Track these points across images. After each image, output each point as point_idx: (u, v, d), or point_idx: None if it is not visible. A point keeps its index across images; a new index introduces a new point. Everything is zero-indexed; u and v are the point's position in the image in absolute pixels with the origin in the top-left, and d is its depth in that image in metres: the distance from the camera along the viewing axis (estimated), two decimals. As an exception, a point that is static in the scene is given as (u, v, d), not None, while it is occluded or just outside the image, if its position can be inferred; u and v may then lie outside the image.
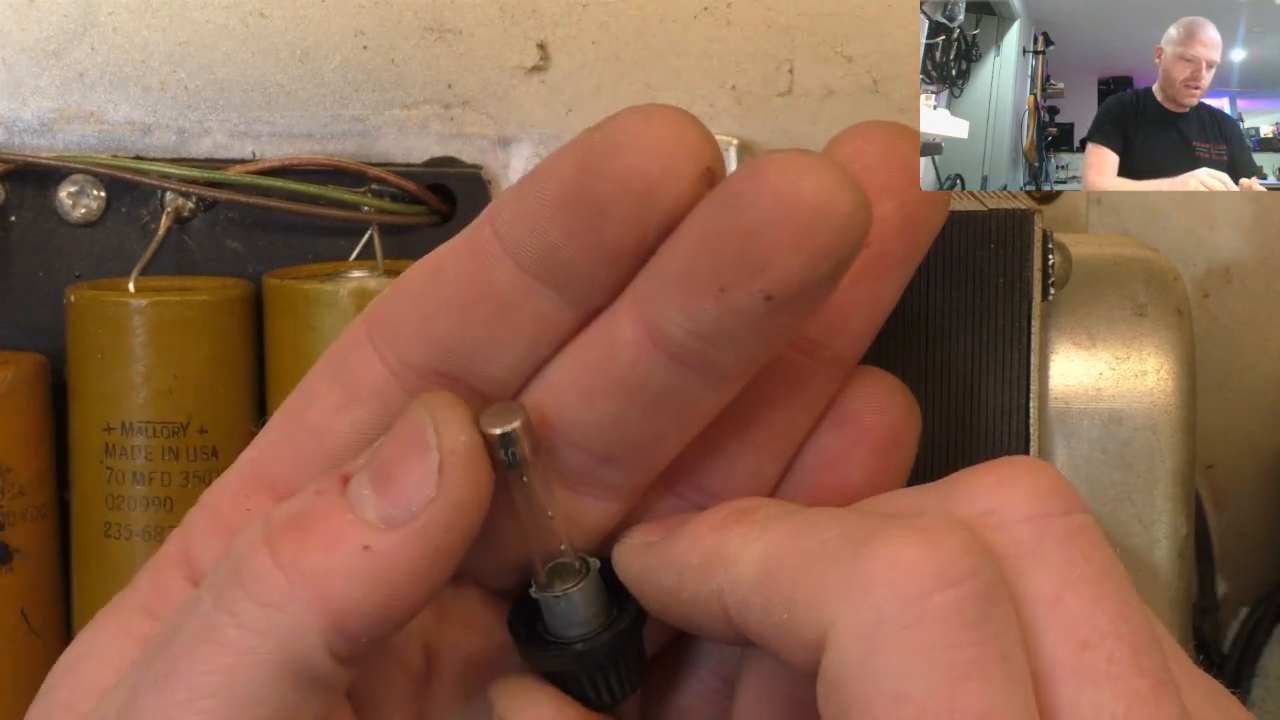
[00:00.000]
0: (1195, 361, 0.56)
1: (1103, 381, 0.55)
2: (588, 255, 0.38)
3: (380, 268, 0.64)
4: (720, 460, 0.42)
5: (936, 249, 0.53)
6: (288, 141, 0.67)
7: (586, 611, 0.43)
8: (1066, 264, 0.54)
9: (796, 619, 0.37)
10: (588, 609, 0.43)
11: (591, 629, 0.43)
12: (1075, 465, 0.56)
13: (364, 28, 0.67)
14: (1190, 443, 0.56)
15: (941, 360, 0.54)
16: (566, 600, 0.43)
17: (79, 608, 0.65)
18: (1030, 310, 0.54)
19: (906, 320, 0.53)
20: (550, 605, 0.43)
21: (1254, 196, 0.68)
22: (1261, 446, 0.70)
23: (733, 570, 0.39)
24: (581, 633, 0.43)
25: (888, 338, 0.53)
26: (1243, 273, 0.69)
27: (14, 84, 0.67)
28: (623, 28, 0.67)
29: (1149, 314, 0.56)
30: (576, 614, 0.43)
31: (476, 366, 0.40)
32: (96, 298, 0.64)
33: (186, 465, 0.63)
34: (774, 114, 0.67)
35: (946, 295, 0.53)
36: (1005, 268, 0.53)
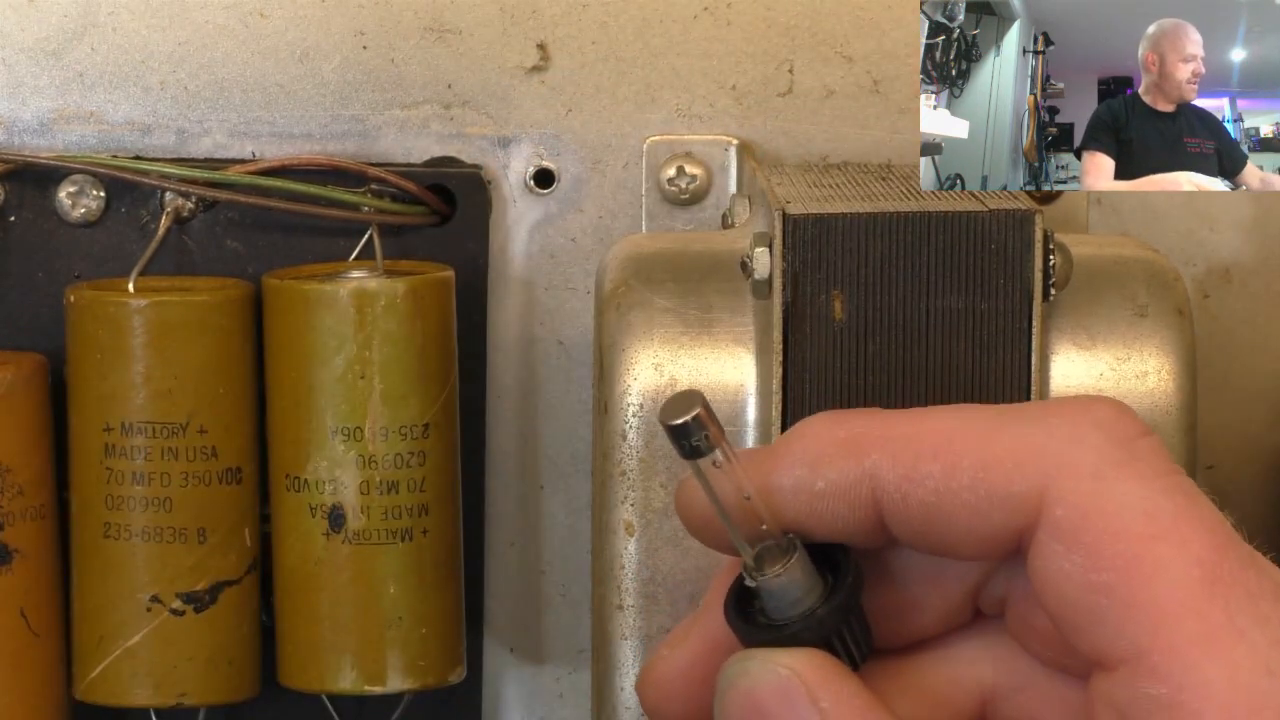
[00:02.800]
0: (1196, 362, 0.56)
1: (1103, 382, 0.55)
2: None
3: (380, 268, 0.64)
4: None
5: (937, 249, 0.53)
6: (288, 141, 0.67)
7: (806, 585, 0.43)
8: (1067, 264, 0.54)
9: (1001, 478, 0.40)
10: (806, 582, 0.43)
11: (812, 602, 0.42)
12: (1075, 465, 0.56)
13: (364, 28, 0.67)
14: (1191, 443, 0.56)
15: (941, 360, 0.54)
16: (786, 577, 0.42)
17: (78, 608, 0.65)
18: (1030, 310, 0.53)
19: (907, 320, 0.53)
20: (770, 588, 0.42)
21: (1254, 196, 0.68)
22: (1261, 446, 0.70)
23: (891, 446, 0.41)
24: (804, 608, 0.42)
25: (889, 338, 0.53)
26: (1243, 273, 0.69)
27: (14, 84, 0.67)
28: (623, 28, 0.67)
29: (1149, 314, 0.56)
30: (794, 590, 0.43)
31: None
32: (96, 298, 0.64)
33: (186, 465, 0.63)
34: (774, 114, 0.67)
35: (947, 295, 0.53)
36: (1005, 268, 0.53)
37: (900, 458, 0.41)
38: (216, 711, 0.66)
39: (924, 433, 0.42)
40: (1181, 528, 0.40)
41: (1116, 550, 0.39)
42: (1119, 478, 0.40)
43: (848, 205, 0.54)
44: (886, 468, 0.41)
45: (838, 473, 0.42)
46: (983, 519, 0.41)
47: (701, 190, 0.67)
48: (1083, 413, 0.41)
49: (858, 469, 0.42)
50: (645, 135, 0.67)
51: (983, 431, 0.41)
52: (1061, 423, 0.41)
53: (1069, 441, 0.41)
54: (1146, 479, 0.40)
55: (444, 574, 0.64)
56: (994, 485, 0.41)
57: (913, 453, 0.41)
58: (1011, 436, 0.41)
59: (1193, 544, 0.39)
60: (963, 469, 0.41)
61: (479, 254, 0.67)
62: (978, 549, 0.42)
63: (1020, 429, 0.41)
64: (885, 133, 0.67)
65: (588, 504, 0.66)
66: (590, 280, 0.65)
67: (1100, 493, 0.40)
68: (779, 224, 0.53)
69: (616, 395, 0.56)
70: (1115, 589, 0.39)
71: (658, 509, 0.55)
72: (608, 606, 0.56)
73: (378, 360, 0.63)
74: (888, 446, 0.42)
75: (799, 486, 0.42)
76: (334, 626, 0.63)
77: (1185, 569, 0.39)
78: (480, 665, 0.69)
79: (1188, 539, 0.39)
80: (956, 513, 0.41)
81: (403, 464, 0.63)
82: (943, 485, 0.41)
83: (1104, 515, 0.40)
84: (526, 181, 0.68)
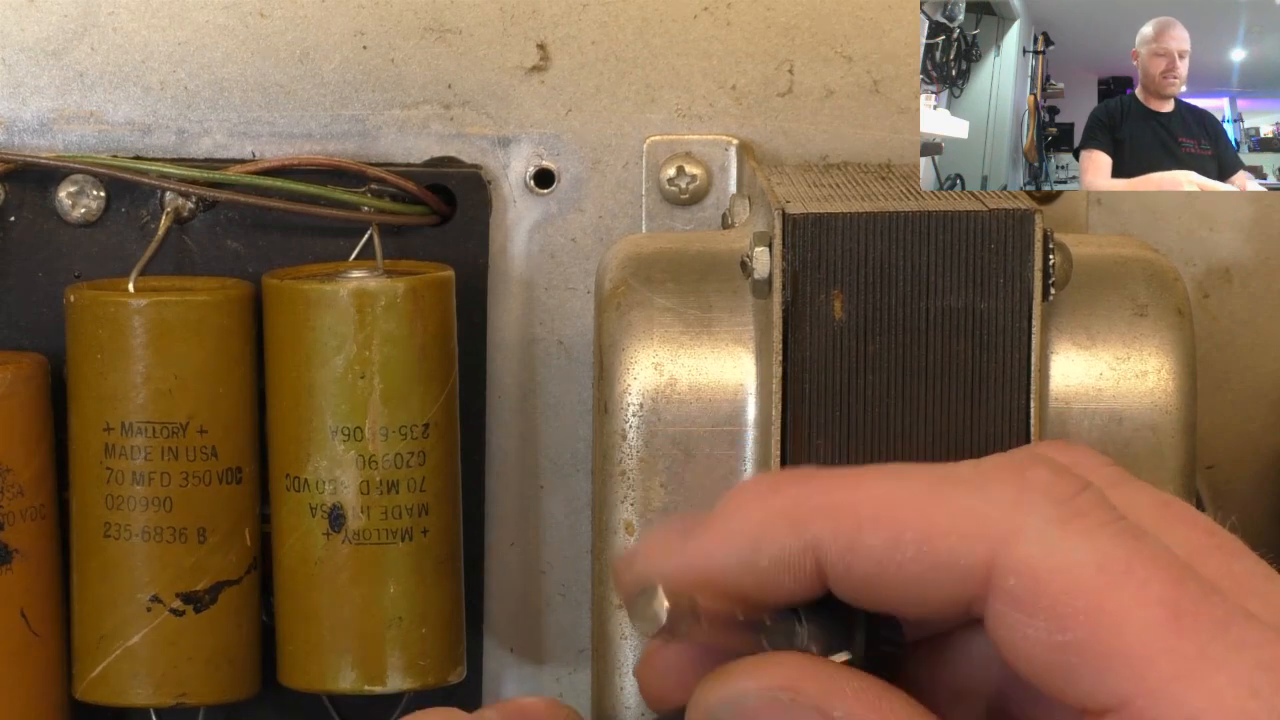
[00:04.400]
0: (1195, 362, 0.56)
1: (1103, 382, 0.55)
2: None
3: (380, 268, 0.64)
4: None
5: (937, 248, 0.53)
6: (287, 141, 0.67)
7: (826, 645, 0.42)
8: (1067, 264, 0.54)
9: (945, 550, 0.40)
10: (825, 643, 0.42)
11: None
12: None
13: (364, 28, 0.67)
14: (1191, 443, 0.56)
15: (941, 360, 0.54)
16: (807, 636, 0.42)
17: (78, 608, 0.65)
18: (1030, 310, 0.53)
19: (907, 320, 0.53)
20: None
21: (1254, 196, 0.68)
22: (1261, 446, 0.70)
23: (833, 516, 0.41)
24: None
25: (889, 338, 0.53)
26: (1243, 273, 0.69)
27: (14, 84, 0.67)
28: (623, 28, 0.67)
29: (1149, 314, 0.56)
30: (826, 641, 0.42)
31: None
32: (96, 298, 0.64)
33: (186, 465, 0.63)
34: (774, 114, 0.67)
35: (946, 295, 0.53)
36: (1005, 268, 0.53)
37: (841, 529, 0.41)
38: (216, 711, 0.66)
39: (863, 500, 0.41)
40: (1137, 571, 0.39)
41: (1077, 607, 0.39)
42: (1064, 535, 0.40)
43: (847, 205, 0.54)
44: (828, 539, 0.41)
45: (779, 548, 0.42)
46: (931, 589, 0.41)
47: (701, 190, 0.67)
48: (1020, 476, 0.41)
49: (799, 543, 0.41)
50: (645, 135, 0.67)
51: (924, 500, 0.41)
52: (1002, 489, 0.41)
53: (1011, 507, 0.40)
54: (1092, 532, 0.40)
55: (444, 574, 0.64)
56: (939, 557, 0.40)
57: (853, 523, 0.41)
58: (954, 505, 0.41)
59: (1151, 584, 0.39)
60: (906, 541, 0.40)
61: (479, 254, 0.67)
62: (928, 615, 0.42)
63: (962, 498, 0.41)
64: (885, 133, 0.67)
65: (588, 504, 0.66)
66: (590, 280, 0.65)
67: (1049, 555, 0.40)
68: (779, 223, 0.53)
69: (616, 395, 0.56)
70: (1084, 645, 0.39)
71: (657, 509, 0.55)
72: (608, 606, 0.56)
73: (378, 360, 0.63)
74: (828, 517, 0.41)
75: (744, 566, 0.42)
76: (334, 626, 0.63)
77: (1149, 610, 0.39)
78: (480, 665, 0.69)
79: (1145, 580, 0.39)
80: (904, 583, 0.41)
81: (403, 464, 0.63)
82: (886, 557, 0.41)
83: (1057, 575, 0.39)
84: (526, 181, 0.68)
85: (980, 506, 0.40)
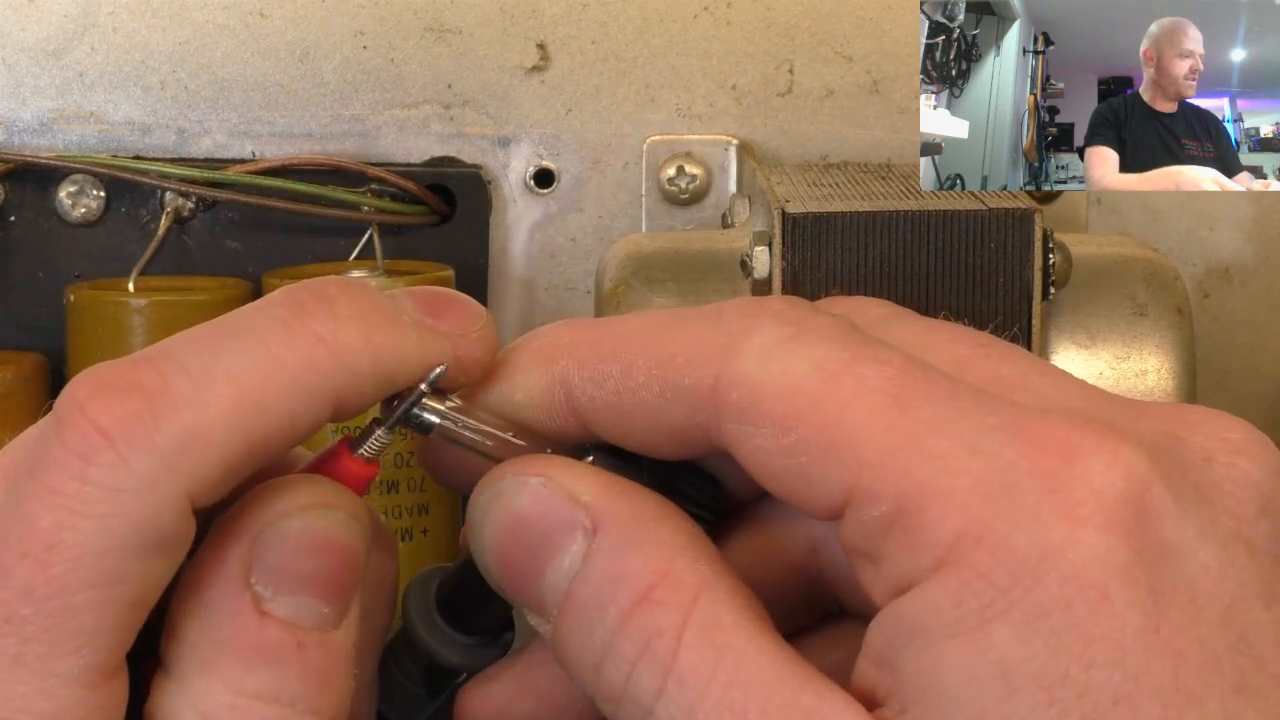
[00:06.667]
0: (1195, 361, 0.56)
1: (1103, 381, 0.55)
2: None
3: (380, 267, 0.64)
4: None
5: (936, 248, 0.53)
6: (288, 141, 0.67)
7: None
8: (1066, 264, 0.54)
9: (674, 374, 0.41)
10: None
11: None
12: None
13: (364, 28, 0.67)
14: (1190, 442, 0.56)
15: (941, 360, 0.54)
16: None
17: (79, 608, 0.64)
18: (1030, 310, 0.53)
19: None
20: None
21: (1254, 196, 0.68)
22: (1261, 446, 0.70)
23: (578, 351, 0.42)
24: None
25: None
26: (1243, 273, 0.69)
27: (14, 84, 0.67)
28: (623, 28, 0.67)
29: (1149, 314, 0.56)
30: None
31: None
32: (96, 298, 0.64)
33: (186, 465, 0.63)
34: (774, 114, 0.68)
35: (946, 295, 0.53)
36: (1005, 268, 0.53)
37: (585, 361, 0.42)
38: (216, 711, 0.66)
39: (606, 337, 0.42)
40: (856, 369, 0.39)
41: (796, 406, 0.39)
42: (786, 349, 0.40)
43: (847, 204, 0.54)
44: (574, 372, 0.42)
45: (531, 382, 0.43)
46: (664, 415, 0.41)
47: (701, 190, 0.67)
48: (756, 306, 0.41)
49: (548, 376, 0.42)
50: (645, 135, 0.67)
51: (660, 331, 0.42)
52: (735, 316, 0.41)
53: (740, 333, 0.40)
54: (814, 344, 0.40)
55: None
56: (668, 381, 0.41)
57: (595, 355, 0.42)
58: (686, 334, 0.41)
59: (869, 378, 0.39)
60: (639, 368, 0.41)
61: (479, 254, 0.67)
62: (669, 444, 0.42)
63: (695, 327, 0.41)
64: (885, 133, 0.68)
65: (588, 504, 0.66)
66: (590, 280, 0.65)
67: (767, 365, 0.40)
68: (779, 223, 0.53)
69: (616, 395, 0.56)
70: (809, 442, 0.39)
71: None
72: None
73: (378, 360, 0.63)
74: (575, 352, 0.42)
75: (501, 399, 0.43)
76: (334, 626, 0.63)
77: (868, 399, 0.39)
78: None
79: (863, 375, 0.39)
80: (637, 411, 0.41)
81: (402, 463, 0.63)
82: (622, 385, 0.41)
83: (775, 380, 0.39)
84: (526, 181, 0.68)
85: (708, 333, 0.41)
